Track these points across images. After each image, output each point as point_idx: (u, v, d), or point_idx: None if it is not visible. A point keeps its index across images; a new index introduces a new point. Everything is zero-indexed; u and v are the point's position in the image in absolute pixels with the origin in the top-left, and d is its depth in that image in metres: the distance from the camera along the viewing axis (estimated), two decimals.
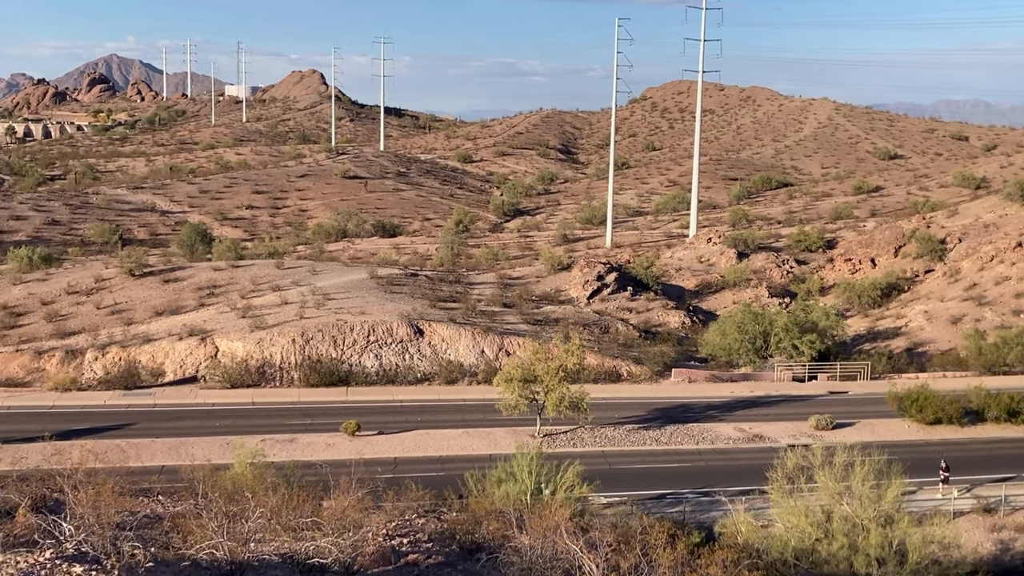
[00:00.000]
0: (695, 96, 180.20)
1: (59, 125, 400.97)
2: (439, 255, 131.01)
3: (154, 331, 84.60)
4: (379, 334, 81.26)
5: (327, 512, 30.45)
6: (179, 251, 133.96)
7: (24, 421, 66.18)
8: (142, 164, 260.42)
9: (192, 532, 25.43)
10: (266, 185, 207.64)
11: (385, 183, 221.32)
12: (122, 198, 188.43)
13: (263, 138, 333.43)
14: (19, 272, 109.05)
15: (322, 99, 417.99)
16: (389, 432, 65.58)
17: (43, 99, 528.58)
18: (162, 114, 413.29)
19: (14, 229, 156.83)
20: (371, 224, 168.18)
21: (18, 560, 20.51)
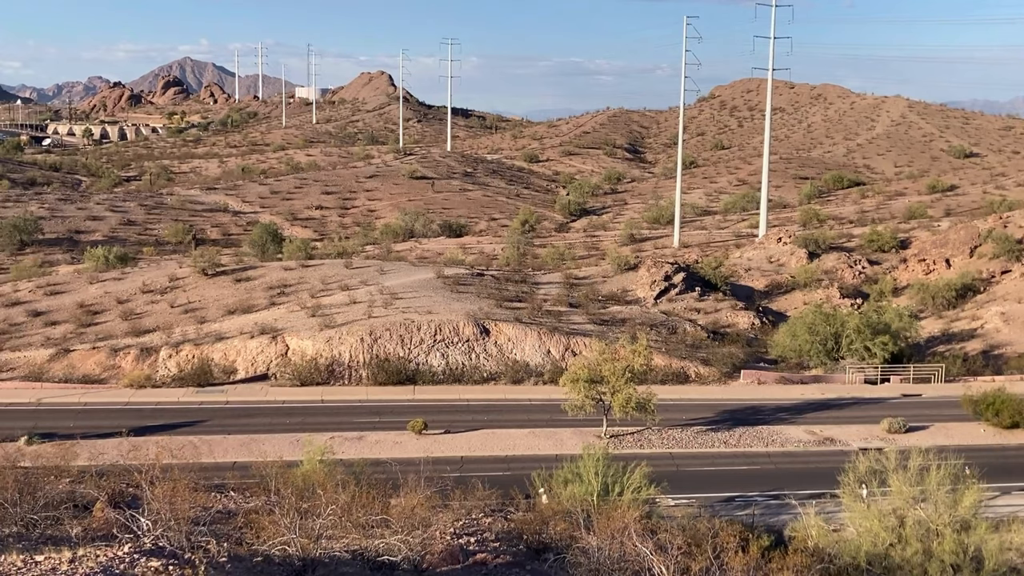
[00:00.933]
0: (765, 94, 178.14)
1: (135, 127, 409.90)
2: (505, 255, 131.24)
3: (226, 329, 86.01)
4: (446, 333, 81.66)
5: (395, 510, 30.64)
6: (251, 251, 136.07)
7: (100, 417, 67.77)
8: (215, 165, 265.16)
9: (264, 528, 25.77)
10: (335, 186, 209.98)
11: (452, 183, 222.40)
12: (195, 199, 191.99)
13: (332, 139, 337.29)
14: (96, 271, 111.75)
15: (390, 100, 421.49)
16: (456, 431, 65.88)
17: (119, 102, 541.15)
18: (234, 116, 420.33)
19: (91, 229, 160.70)
20: (438, 224, 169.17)
21: (97, 554, 20.97)
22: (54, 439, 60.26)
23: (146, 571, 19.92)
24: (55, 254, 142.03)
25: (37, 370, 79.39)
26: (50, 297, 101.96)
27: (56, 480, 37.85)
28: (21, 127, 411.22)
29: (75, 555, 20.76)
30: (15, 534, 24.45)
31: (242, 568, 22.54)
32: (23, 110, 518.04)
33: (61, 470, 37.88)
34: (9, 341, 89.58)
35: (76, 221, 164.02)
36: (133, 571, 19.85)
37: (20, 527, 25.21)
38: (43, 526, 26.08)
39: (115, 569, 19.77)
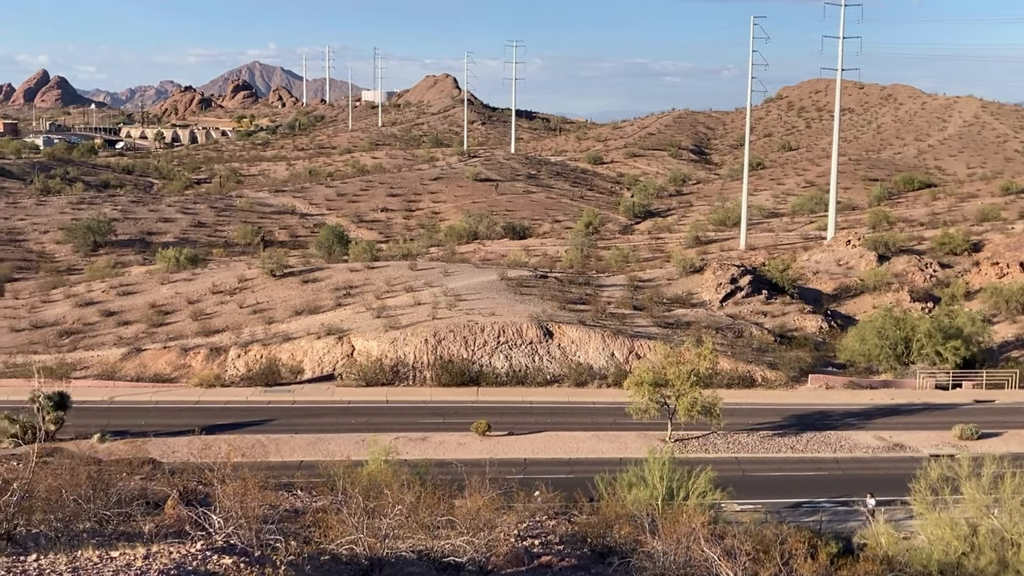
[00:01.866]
0: (833, 95, 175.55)
1: (205, 131, 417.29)
2: (569, 257, 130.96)
3: (293, 330, 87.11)
4: (509, 335, 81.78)
5: (460, 511, 30.74)
6: (317, 252, 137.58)
7: (171, 416, 69.09)
8: (283, 168, 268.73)
9: (332, 527, 26.01)
10: (400, 188, 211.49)
11: (515, 185, 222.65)
12: (264, 201, 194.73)
13: (398, 142, 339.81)
14: (167, 272, 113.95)
15: (455, 103, 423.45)
16: (519, 433, 65.94)
17: (190, 105, 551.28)
18: (302, 119, 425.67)
19: (162, 231, 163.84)
20: (501, 226, 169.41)
21: (171, 550, 21.33)
22: (126, 437, 61.65)
23: (218, 568, 20.20)
24: (127, 255, 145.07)
25: (110, 369, 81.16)
26: (123, 297, 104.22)
27: (128, 477, 38.65)
28: (95, 131, 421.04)
29: (149, 551, 21.13)
30: (89, 530, 24.99)
31: (310, 567, 22.78)
32: (97, 114, 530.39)
33: (133, 467, 38.65)
34: (83, 340, 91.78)
35: (148, 223, 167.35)
36: (205, 567, 20.15)
37: (94, 523, 25.76)
38: (116, 522, 26.61)
39: (188, 566, 20.07)
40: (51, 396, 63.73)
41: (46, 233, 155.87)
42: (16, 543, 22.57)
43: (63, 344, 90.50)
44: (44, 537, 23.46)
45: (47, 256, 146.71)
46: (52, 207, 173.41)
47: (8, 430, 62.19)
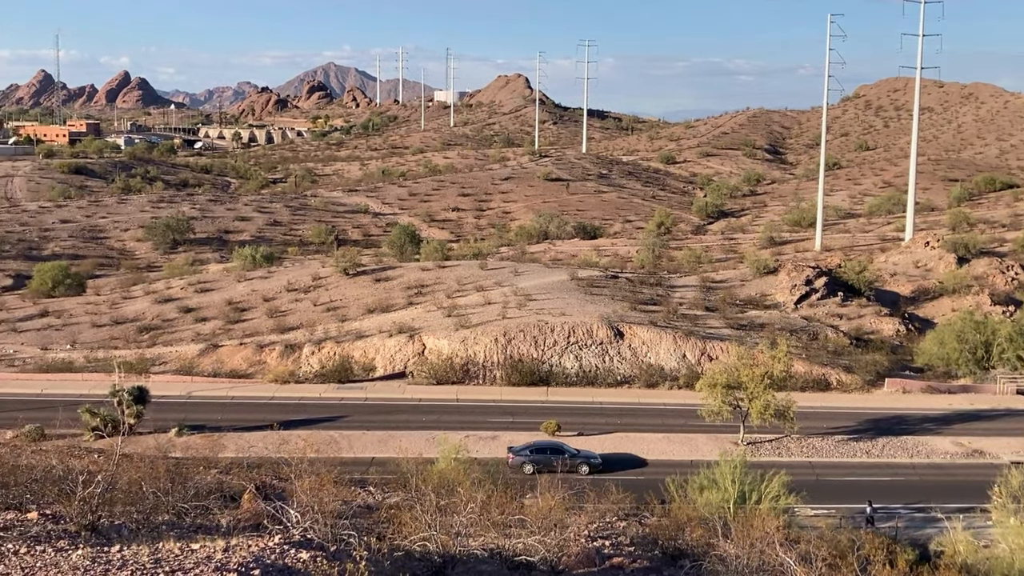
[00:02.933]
0: (912, 94, 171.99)
1: (281, 131, 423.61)
2: (640, 257, 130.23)
3: (366, 328, 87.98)
4: (579, 335, 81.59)
5: (530, 510, 30.75)
6: (389, 251, 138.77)
7: (247, 411, 70.26)
8: (356, 168, 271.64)
9: (404, 523, 26.18)
10: (472, 188, 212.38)
11: (586, 185, 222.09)
12: (338, 200, 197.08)
13: (469, 142, 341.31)
14: (243, 270, 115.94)
15: (526, 103, 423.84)
16: (589, 433, 65.77)
17: (266, 106, 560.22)
18: (375, 120, 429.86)
19: (239, 229, 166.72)
20: (572, 226, 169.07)
21: (249, 543, 21.66)
22: (203, 431, 62.90)
23: (295, 562, 20.48)
24: (205, 253, 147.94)
25: (188, 364, 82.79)
26: (200, 294, 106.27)
27: (205, 471, 39.42)
28: (174, 131, 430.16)
29: (228, 544, 21.50)
30: (168, 522, 25.52)
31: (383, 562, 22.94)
32: (176, 114, 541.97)
33: (210, 461, 39.38)
34: (162, 336, 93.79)
35: (225, 221, 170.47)
36: (283, 561, 20.43)
37: (172, 515, 26.29)
38: (193, 515, 27.13)
39: (266, 559, 20.37)
40: (131, 391, 65.22)
41: (127, 231, 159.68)
42: (100, 534, 23.16)
43: (142, 340, 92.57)
44: (126, 528, 24.02)
45: (128, 253, 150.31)
46: (133, 205, 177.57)
47: (89, 423, 63.86)
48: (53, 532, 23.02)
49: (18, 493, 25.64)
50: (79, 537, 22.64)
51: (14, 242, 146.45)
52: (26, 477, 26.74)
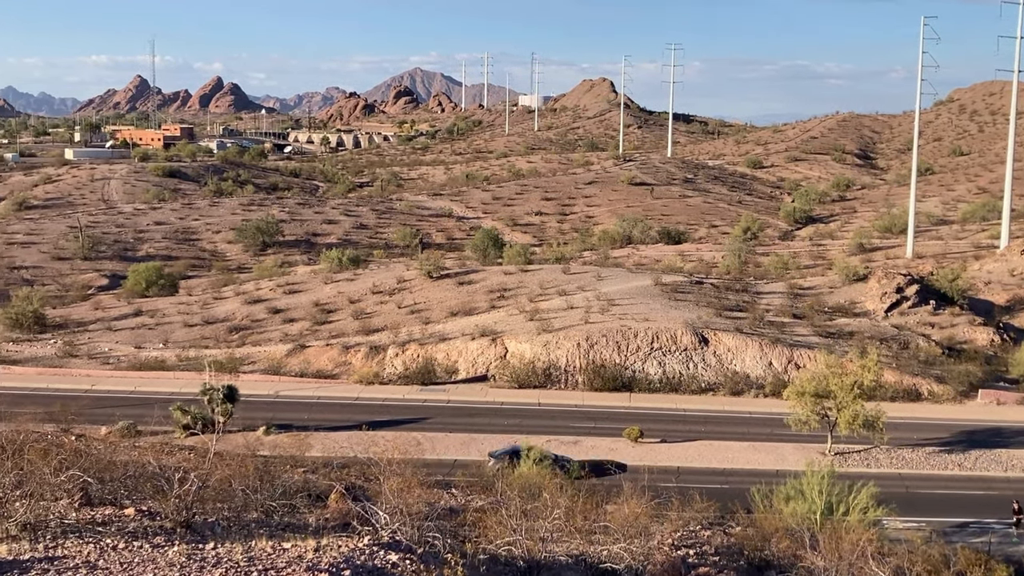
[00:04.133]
0: (1009, 97, 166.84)
1: (368, 135, 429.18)
2: (725, 263, 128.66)
3: (449, 331, 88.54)
4: (663, 341, 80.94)
5: (612, 516, 30.55)
6: (473, 255, 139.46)
7: (332, 411, 71.29)
8: (441, 172, 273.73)
9: (489, 528, 26.19)
10: (555, 192, 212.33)
11: (671, 189, 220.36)
12: (422, 204, 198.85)
13: (553, 146, 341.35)
14: (330, 272, 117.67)
15: (611, 107, 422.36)
16: (672, 441, 65.20)
17: (354, 111, 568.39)
18: (460, 124, 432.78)
19: (327, 232, 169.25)
20: (656, 230, 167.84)
21: (339, 543, 21.92)
22: (290, 430, 63.96)
23: (384, 564, 20.66)
24: (294, 255, 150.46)
25: (276, 364, 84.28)
26: (288, 296, 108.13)
27: (292, 470, 40.05)
28: (265, 135, 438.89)
29: (319, 544, 21.79)
30: (256, 520, 25.95)
31: (467, 566, 23.00)
32: (267, 119, 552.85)
33: (297, 460, 39.98)
34: (251, 336, 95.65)
35: (313, 224, 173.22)
36: (373, 563, 20.62)
37: (261, 513, 26.73)
38: (281, 513, 27.55)
39: (356, 560, 20.59)
40: (221, 389, 66.68)
41: (218, 233, 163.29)
42: (194, 531, 23.68)
43: (232, 339, 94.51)
44: (218, 526, 24.50)
45: (219, 255, 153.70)
46: (224, 208, 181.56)
47: (180, 421, 65.45)
48: (149, 528, 23.61)
49: (113, 488, 26.35)
50: (174, 534, 23.18)
51: (110, 243, 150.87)
52: (121, 473, 27.48)
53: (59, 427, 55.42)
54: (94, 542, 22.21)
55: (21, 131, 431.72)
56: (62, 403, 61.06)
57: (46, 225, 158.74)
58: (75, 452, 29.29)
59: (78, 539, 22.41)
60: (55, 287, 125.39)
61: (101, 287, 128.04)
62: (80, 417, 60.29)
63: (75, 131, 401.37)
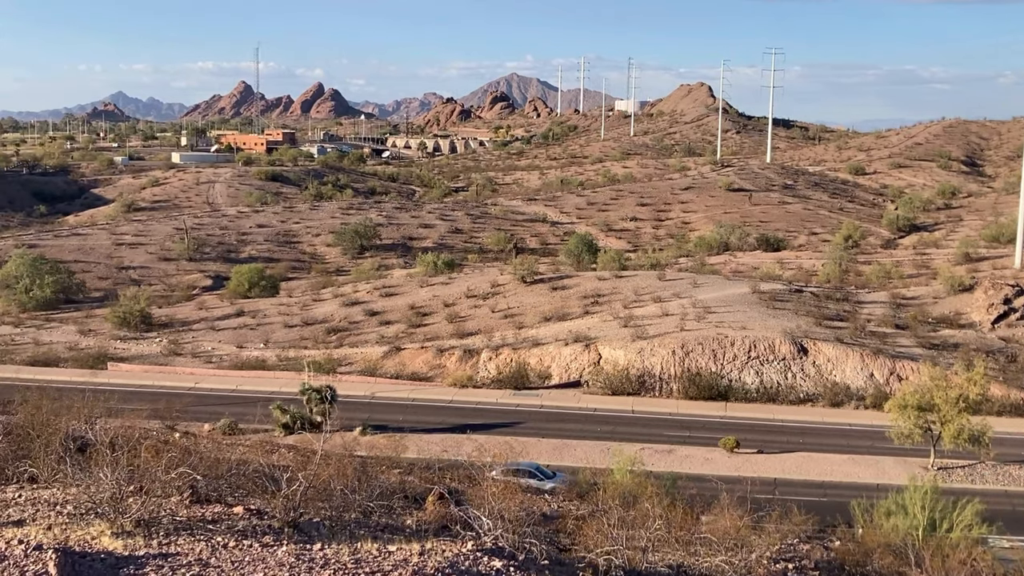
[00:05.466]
0: None
1: (464, 140, 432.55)
2: (825, 271, 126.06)
3: (542, 336, 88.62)
4: (760, 350, 79.69)
5: (708, 527, 30.18)
6: (566, 260, 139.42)
7: (427, 413, 71.98)
8: (535, 177, 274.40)
9: (586, 535, 26.09)
10: (650, 197, 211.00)
11: (770, 196, 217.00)
12: (517, 209, 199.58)
13: (649, 151, 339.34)
14: (426, 276, 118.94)
15: (709, 112, 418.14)
16: (769, 452, 64.15)
17: (450, 116, 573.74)
18: (555, 129, 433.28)
19: (422, 236, 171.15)
20: (754, 237, 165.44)
21: (443, 548, 22.08)
22: (386, 431, 64.79)
23: (488, 571, 20.72)
24: (390, 258, 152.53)
25: (372, 366, 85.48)
26: (385, 298, 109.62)
27: (388, 471, 40.54)
28: (364, 140, 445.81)
29: (423, 548, 21.97)
30: (355, 520, 26.31)
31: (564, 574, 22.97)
32: (366, 124, 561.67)
33: (393, 461, 40.42)
34: (348, 338, 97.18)
35: (409, 228, 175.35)
36: (477, 569, 20.71)
37: (359, 513, 27.08)
38: (378, 514, 27.88)
39: (460, 565, 20.70)
40: (319, 389, 67.87)
41: (318, 236, 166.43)
42: (301, 531, 24.12)
43: (330, 341, 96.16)
44: (323, 526, 24.92)
45: (318, 257, 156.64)
46: (324, 212, 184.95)
47: (280, 419, 66.82)
48: (258, 527, 24.07)
49: (218, 486, 27.01)
50: (282, 533, 23.61)
51: (214, 245, 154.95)
52: (226, 470, 28.16)
53: (164, 424, 57.05)
54: (205, 540, 22.75)
55: (130, 135, 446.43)
56: (167, 400, 62.82)
57: (153, 227, 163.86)
58: (184, 450, 30.12)
59: (190, 536, 22.98)
60: (161, 287, 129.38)
61: (205, 288, 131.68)
62: (184, 414, 61.97)
63: (182, 135, 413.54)
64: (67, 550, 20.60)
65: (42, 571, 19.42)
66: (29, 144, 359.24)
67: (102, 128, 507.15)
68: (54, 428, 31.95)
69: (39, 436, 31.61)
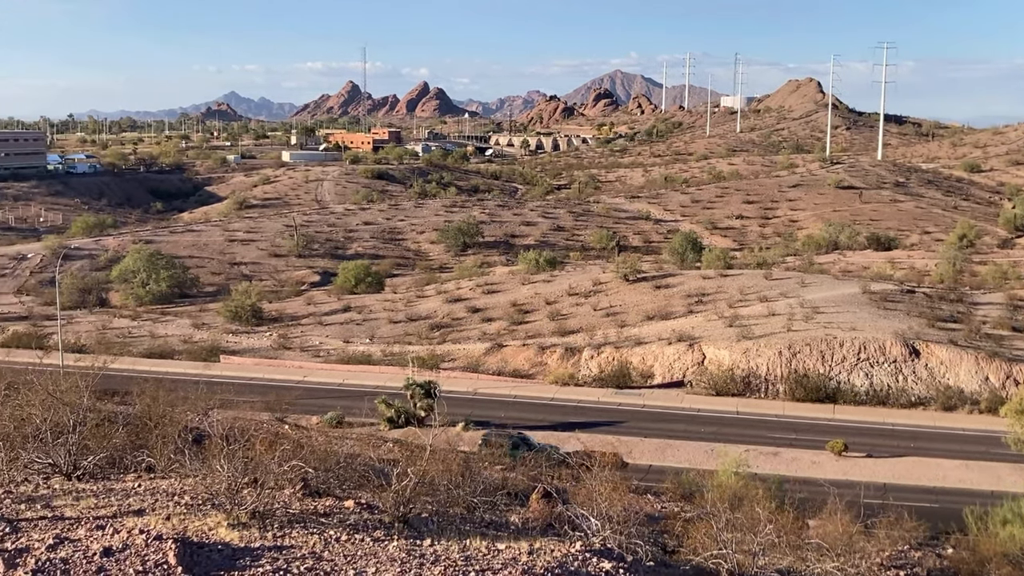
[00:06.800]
0: None
1: (566, 138, 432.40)
2: (939, 271, 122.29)
3: (644, 334, 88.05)
4: (870, 352, 77.78)
5: (815, 532, 29.61)
6: (670, 258, 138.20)
7: (528, 410, 72.23)
8: (639, 174, 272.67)
9: (694, 538, 25.84)
10: (757, 195, 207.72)
11: (881, 193, 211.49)
12: (619, 206, 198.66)
13: (756, 148, 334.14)
14: (528, 273, 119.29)
15: (818, 108, 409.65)
16: (878, 456, 62.59)
17: (553, 114, 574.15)
18: (659, 126, 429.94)
19: (524, 234, 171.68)
20: (864, 236, 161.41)
21: (552, 548, 22.12)
22: (488, 427, 65.18)
23: (598, 572, 20.67)
24: (492, 256, 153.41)
25: (474, 362, 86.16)
26: (487, 295, 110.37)
27: (490, 466, 40.83)
28: (467, 138, 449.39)
29: (532, 547, 22.03)
30: (459, 515, 26.57)
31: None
32: (470, 123, 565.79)
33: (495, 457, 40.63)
34: (451, 334, 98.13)
35: (512, 226, 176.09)
36: (586, 570, 20.69)
37: (462, 509, 27.34)
38: (482, 510, 28.10)
39: (569, 566, 20.70)
40: (422, 384, 68.78)
41: (422, 233, 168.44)
42: (411, 526, 24.44)
43: (433, 337, 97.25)
44: (431, 522, 25.22)
45: (422, 255, 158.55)
46: (428, 209, 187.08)
47: (385, 413, 67.89)
48: (369, 521, 24.44)
49: (326, 479, 27.57)
50: (392, 528, 23.93)
51: (322, 241, 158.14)
52: (334, 463, 28.74)
53: (274, 416, 58.53)
54: (318, 533, 23.17)
55: (242, 134, 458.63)
56: (276, 393, 64.47)
57: (264, 224, 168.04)
58: (296, 443, 30.81)
59: (303, 529, 23.44)
60: (271, 282, 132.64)
61: (313, 283, 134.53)
62: (293, 407, 63.53)
63: (291, 135, 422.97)
64: (186, 540, 21.23)
65: (162, 561, 20.06)
66: (146, 143, 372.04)
67: (216, 127, 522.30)
68: (171, 419, 33.05)
69: (156, 427, 32.76)
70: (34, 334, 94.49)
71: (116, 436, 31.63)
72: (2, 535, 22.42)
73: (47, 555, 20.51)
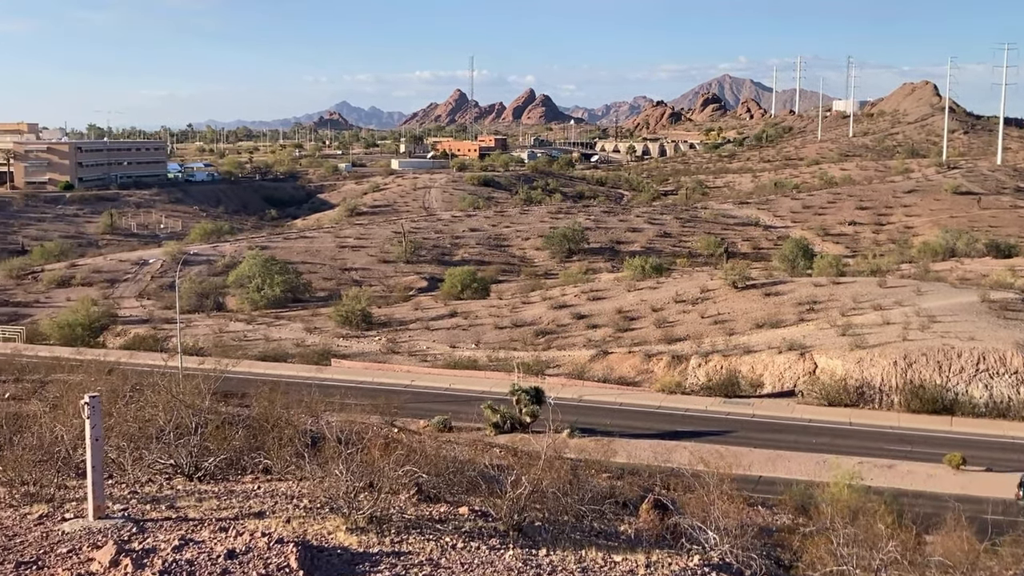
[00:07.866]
0: None
1: (673, 144, 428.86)
2: None
3: (754, 343, 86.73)
4: (990, 363, 75.14)
5: (933, 548, 28.76)
6: (780, 265, 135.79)
7: (634, 418, 71.84)
8: (748, 180, 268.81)
9: (811, 553, 25.35)
10: (870, 201, 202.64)
11: (1001, 199, 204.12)
12: (728, 212, 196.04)
13: (869, 153, 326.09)
14: (633, 280, 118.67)
15: (934, 111, 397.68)
16: (999, 470, 60.41)
17: (660, 120, 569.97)
18: (769, 131, 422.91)
19: (630, 240, 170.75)
20: (983, 243, 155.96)
21: (670, 561, 21.95)
22: (594, 435, 65.09)
23: None
24: (598, 262, 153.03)
25: (579, 368, 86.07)
26: (592, 302, 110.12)
27: (597, 474, 40.75)
28: (573, 145, 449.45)
29: (649, 559, 21.89)
30: (568, 523, 26.57)
31: None
32: (575, 129, 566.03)
33: (603, 465, 40.54)
34: (556, 340, 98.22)
35: (617, 232, 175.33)
36: None
37: (571, 517, 27.31)
38: (590, 519, 28.04)
39: None
40: (528, 390, 69.02)
41: (527, 240, 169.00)
42: (525, 535, 24.50)
43: (538, 343, 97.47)
44: (544, 530, 25.27)
45: (527, 261, 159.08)
46: (533, 216, 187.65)
47: (491, 419, 68.36)
48: (484, 529, 24.55)
49: (436, 484, 27.85)
50: (507, 536, 23.99)
51: (429, 247, 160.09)
52: (446, 468, 29.03)
53: (384, 419, 59.44)
54: (435, 539, 23.29)
55: (353, 143, 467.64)
56: (385, 397, 65.41)
57: (374, 230, 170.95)
58: (409, 447, 31.23)
59: (419, 535, 23.61)
60: (380, 288, 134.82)
61: (420, 289, 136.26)
62: (401, 411, 64.40)
63: (400, 143, 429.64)
64: (307, 544, 21.64)
65: (284, 564, 20.49)
66: (261, 152, 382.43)
67: (327, 136, 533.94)
68: (287, 422, 33.85)
69: (272, 429, 33.59)
70: (154, 337, 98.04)
71: (235, 438, 32.48)
72: (129, 536, 23.09)
73: (173, 556, 21.09)
